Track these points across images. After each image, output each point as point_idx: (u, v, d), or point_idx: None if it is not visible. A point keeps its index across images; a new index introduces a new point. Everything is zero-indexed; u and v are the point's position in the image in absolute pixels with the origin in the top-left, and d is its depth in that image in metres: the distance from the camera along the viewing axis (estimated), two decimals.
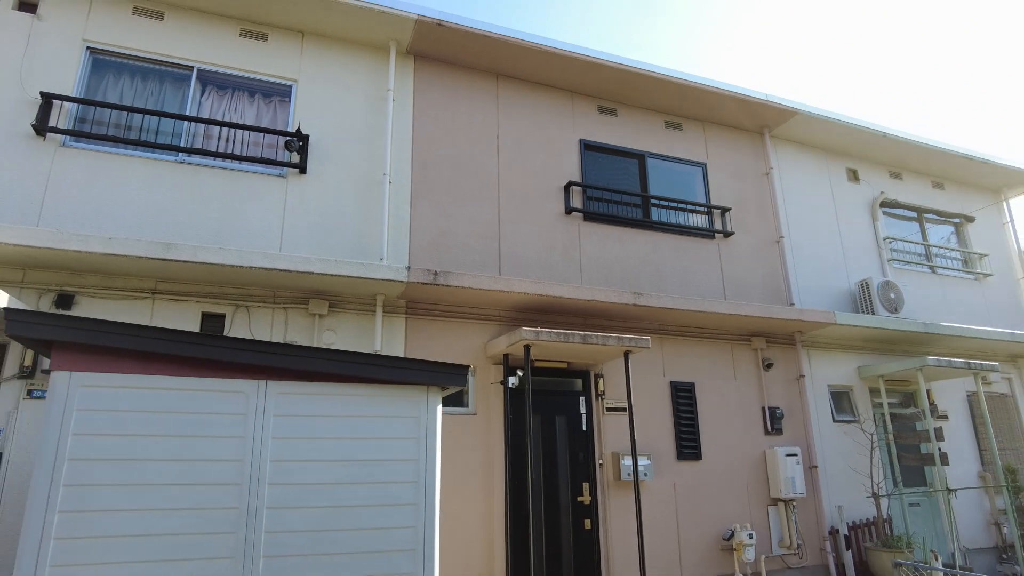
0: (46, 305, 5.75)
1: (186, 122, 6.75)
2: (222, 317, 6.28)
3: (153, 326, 3.20)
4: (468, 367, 3.57)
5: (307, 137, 6.98)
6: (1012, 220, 11.72)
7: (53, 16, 6.53)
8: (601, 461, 7.25)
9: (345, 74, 7.49)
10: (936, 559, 7.17)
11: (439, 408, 3.49)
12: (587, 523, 6.94)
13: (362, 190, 7.13)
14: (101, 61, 6.70)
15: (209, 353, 3.09)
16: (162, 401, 3.02)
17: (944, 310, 10.19)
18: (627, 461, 7.15)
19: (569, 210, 8.07)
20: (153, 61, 6.84)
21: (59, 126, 6.20)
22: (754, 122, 9.62)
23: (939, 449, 8.17)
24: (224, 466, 3.05)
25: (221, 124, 6.83)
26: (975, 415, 9.82)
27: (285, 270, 5.92)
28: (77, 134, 6.26)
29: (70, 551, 2.73)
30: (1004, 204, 11.84)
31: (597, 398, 7.45)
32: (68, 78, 6.45)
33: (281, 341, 6.36)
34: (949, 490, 7.95)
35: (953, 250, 11.07)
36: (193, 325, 6.17)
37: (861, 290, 9.42)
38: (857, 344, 9.32)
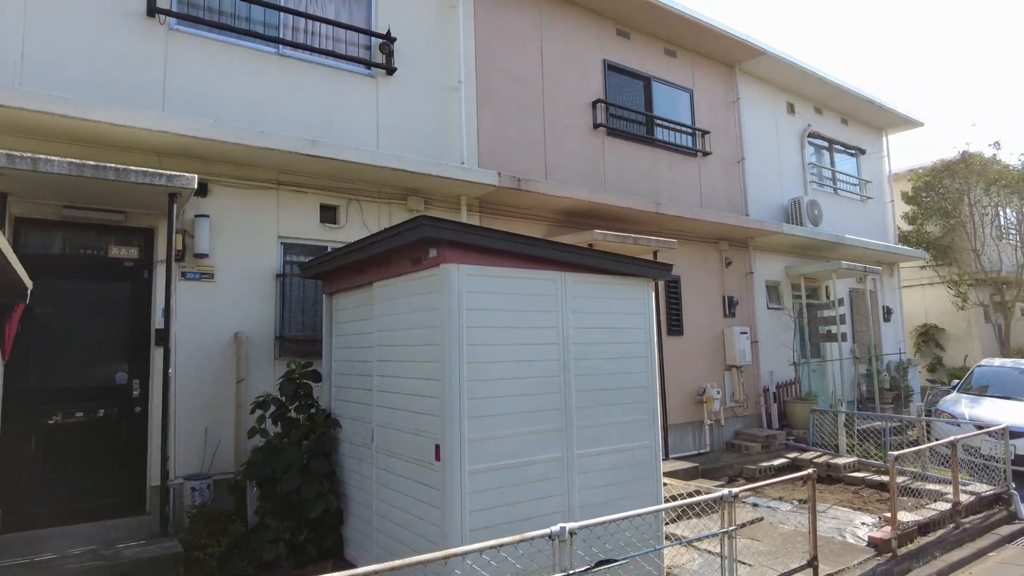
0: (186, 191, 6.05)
1: (281, 14, 6.87)
2: (335, 208, 6.91)
3: (499, 230, 4.18)
4: (671, 266, 4.96)
5: (394, 40, 7.40)
6: (888, 154, 14.72)
7: None
8: None
9: None
10: (841, 405, 10.03)
11: (652, 293, 4.89)
12: None
13: (438, 95, 7.76)
14: None
15: (534, 252, 4.16)
16: (510, 285, 4.10)
17: (841, 224, 12.95)
18: None
19: (596, 125, 9.26)
20: None
21: (163, 8, 6.14)
22: (729, 57, 11.17)
23: (840, 331, 11.00)
24: (548, 332, 4.23)
25: (319, 20, 7.01)
26: (853, 305, 12.95)
27: (410, 171, 6.66)
28: (186, 18, 6.24)
29: (475, 389, 3.85)
30: (884, 140, 14.77)
31: None
32: None
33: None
34: (859, 357, 10.88)
35: (850, 176, 13.81)
36: (313, 215, 6.77)
37: (793, 206, 11.76)
38: (785, 249, 11.77)
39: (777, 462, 9.30)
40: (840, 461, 9.06)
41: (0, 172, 4.51)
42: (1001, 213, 16.93)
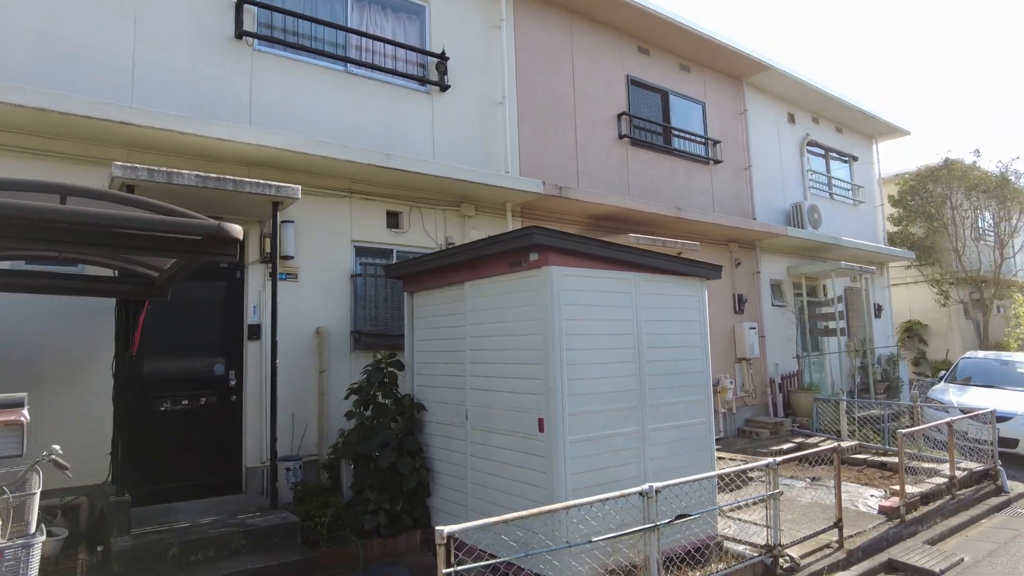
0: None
1: (348, 35, 7.48)
2: (399, 215, 7.56)
3: (588, 237, 4.88)
4: (722, 267, 5.70)
5: (448, 59, 8.05)
6: (878, 161, 15.69)
7: None
8: None
9: (466, 3, 8.45)
10: (842, 394, 10.91)
11: (706, 290, 5.64)
12: None
13: (484, 109, 8.43)
14: None
15: (613, 255, 4.88)
16: (595, 283, 4.80)
17: (837, 227, 13.86)
18: None
19: (621, 136, 10.00)
20: None
21: (250, 31, 6.74)
22: (738, 71, 11.99)
23: (839, 326, 11.89)
24: (625, 324, 4.95)
25: (382, 40, 7.64)
26: (848, 303, 13.87)
27: (468, 181, 7.33)
28: (268, 39, 6.83)
29: (572, 368, 4.57)
30: (875, 147, 15.74)
31: None
32: None
33: (443, 237, 7.83)
34: (857, 350, 11.77)
35: (844, 181, 14.75)
36: (380, 220, 7.42)
37: (794, 210, 12.62)
38: (788, 250, 12.63)
39: (785, 446, 10.12)
40: (843, 445, 9.90)
41: (138, 185, 5.10)
42: (980, 216, 18.04)
